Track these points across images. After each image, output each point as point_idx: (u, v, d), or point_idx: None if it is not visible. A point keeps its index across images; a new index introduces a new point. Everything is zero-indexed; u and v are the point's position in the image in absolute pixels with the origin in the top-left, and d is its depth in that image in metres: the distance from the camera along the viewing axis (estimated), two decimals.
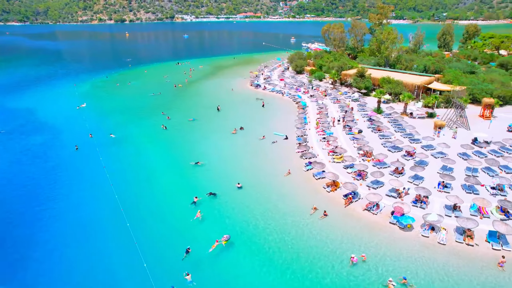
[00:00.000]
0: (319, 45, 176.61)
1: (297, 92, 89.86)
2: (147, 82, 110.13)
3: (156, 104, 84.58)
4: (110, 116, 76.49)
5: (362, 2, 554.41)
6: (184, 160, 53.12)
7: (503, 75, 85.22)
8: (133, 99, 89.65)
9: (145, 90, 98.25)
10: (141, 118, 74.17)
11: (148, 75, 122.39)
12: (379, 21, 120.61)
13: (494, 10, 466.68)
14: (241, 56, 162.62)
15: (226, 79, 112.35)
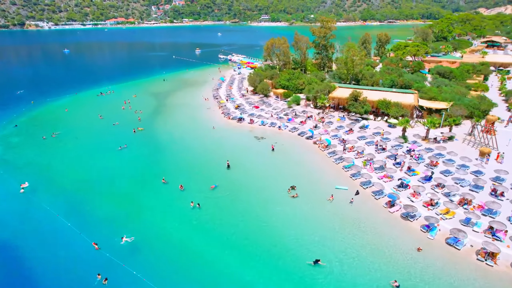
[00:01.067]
0: (253, 60, 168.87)
1: (291, 122, 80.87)
2: (80, 127, 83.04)
3: (136, 168, 62.86)
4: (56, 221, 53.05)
5: (237, 5, 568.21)
6: (295, 264, 39.13)
7: (459, 87, 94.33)
8: (88, 165, 63.66)
9: (93, 144, 73.21)
10: (140, 205, 53.59)
11: (73, 115, 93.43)
12: (324, 34, 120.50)
13: (348, 13, 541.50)
14: (168, 75, 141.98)
15: (188, 111, 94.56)
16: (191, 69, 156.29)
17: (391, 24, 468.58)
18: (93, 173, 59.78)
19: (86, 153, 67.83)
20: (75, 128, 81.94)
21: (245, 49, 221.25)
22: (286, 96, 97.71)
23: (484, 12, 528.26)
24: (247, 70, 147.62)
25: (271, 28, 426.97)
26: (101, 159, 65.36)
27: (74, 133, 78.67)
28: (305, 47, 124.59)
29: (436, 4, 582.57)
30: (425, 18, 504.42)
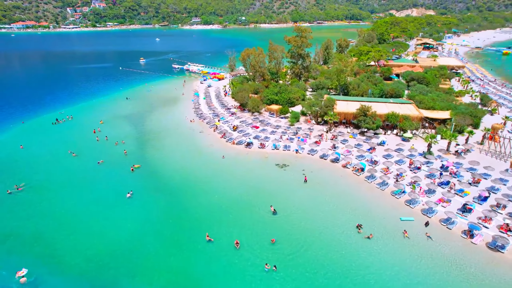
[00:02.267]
0: (217, 70, 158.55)
1: (304, 143, 75.54)
2: (53, 172, 66.57)
3: (162, 224, 51.52)
4: None
5: (165, 8, 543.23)
6: None
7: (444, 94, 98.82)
8: (92, 229, 50.00)
9: (84, 195, 58.97)
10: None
11: (33, 154, 75.04)
12: (301, 44, 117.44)
13: (277, 15, 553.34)
14: (128, 92, 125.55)
15: (179, 137, 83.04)
16: (150, 82, 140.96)
17: (320, 25, 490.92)
18: (105, 241, 47.02)
19: (82, 211, 53.84)
20: (45, 174, 65.50)
21: (194, 57, 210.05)
22: (283, 113, 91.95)
23: (395, 14, 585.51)
24: (215, 81, 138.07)
25: (206, 31, 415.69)
26: (106, 216, 52.44)
27: (49, 181, 62.69)
28: (280, 57, 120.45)
29: (354, 6, 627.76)
30: (349, 19, 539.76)
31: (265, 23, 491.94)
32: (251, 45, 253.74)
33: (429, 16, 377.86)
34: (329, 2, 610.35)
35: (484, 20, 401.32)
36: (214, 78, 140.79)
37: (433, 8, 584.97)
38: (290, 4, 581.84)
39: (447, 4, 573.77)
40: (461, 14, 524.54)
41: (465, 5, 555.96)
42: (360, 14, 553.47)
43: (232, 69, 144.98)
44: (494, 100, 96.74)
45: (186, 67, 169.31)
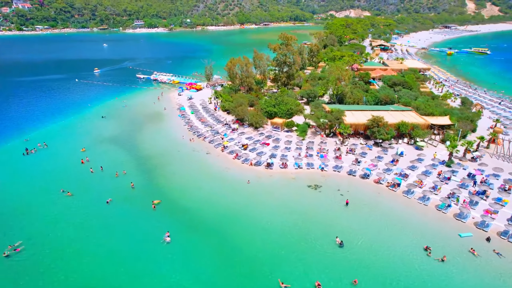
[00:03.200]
0: (190, 79, 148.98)
1: (325, 159, 72.99)
2: (52, 223, 55.95)
3: (220, 277, 45.36)
4: None
5: (102, 10, 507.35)
6: None
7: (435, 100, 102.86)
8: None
9: (107, 252, 50.07)
10: None
11: (14, 198, 62.80)
12: (286, 51, 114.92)
13: (222, 16, 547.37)
14: (100, 109, 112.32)
15: (186, 162, 75.26)
16: (120, 96, 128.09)
17: (267, 27, 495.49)
18: None
19: (107, 269, 45.19)
20: (42, 225, 54.27)
21: (155, 64, 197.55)
22: (288, 126, 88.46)
23: (335, 15, 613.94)
24: (193, 92, 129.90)
25: (153, 35, 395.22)
26: (144, 271, 44.56)
27: (51, 235, 51.86)
28: (266, 66, 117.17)
29: (296, 7, 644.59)
30: (293, 20, 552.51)
31: (212, 25, 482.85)
32: (207, 50, 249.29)
33: (371, 18, 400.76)
34: (271, 3, 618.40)
35: (415, 21, 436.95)
36: (192, 89, 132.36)
37: (368, 9, 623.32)
38: (235, 6, 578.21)
39: (380, 6, 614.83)
40: (393, 15, 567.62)
41: (395, 7, 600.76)
42: (304, 16, 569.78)
43: (208, 78, 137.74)
44: (478, 102, 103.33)
45: (154, 77, 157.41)
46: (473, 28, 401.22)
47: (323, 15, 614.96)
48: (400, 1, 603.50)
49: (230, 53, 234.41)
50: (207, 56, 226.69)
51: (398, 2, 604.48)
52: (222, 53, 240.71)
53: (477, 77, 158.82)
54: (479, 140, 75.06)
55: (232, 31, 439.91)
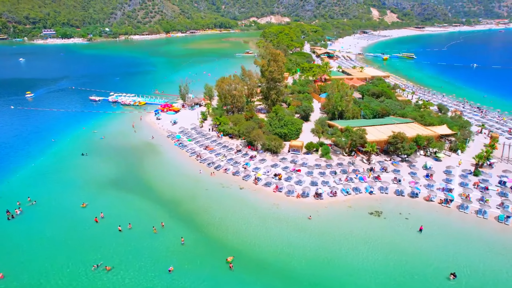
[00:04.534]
0: (161, 100, 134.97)
1: (366, 182, 72.28)
2: None
3: None
4: None
5: None
6: None
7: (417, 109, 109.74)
8: None
9: None
10: None
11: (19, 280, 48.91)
12: (275, 68, 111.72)
13: (143, 24, 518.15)
14: (73, 144, 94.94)
15: (225, 202, 67.06)
16: (87, 125, 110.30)
17: (194, 35, 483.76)
18: None
19: None
20: None
21: (99, 82, 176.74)
22: (309, 148, 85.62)
23: (257, 21, 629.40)
24: (170, 115, 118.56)
25: (71, 46, 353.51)
26: None
27: None
28: (255, 84, 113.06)
29: (217, 14, 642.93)
30: (218, 27, 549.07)
31: (136, 35, 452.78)
32: (151, 64, 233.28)
33: (300, 25, 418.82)
34: (193, 10, 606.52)
35: (334, 27, 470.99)
36: (169, 111, 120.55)
37: (288, 15, 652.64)
38: (156, 13, 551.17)
39: (298, 12, 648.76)
40: (310, 21, 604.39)
41: (312, 13, 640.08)
42: (228, 23, 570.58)
43: (184, 98, 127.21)
44: (455, 109, 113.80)
45: (113, 99, 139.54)
46: (385, 33, 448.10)
47: (245, 21, 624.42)
48: (316, 8, 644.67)
49: (177, 66, 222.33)
50: (155, 71, 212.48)
51: (314, 8, 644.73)
52: (170, 66, 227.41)
53: (422, 81, 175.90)
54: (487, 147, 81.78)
55: (159, 40, 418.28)
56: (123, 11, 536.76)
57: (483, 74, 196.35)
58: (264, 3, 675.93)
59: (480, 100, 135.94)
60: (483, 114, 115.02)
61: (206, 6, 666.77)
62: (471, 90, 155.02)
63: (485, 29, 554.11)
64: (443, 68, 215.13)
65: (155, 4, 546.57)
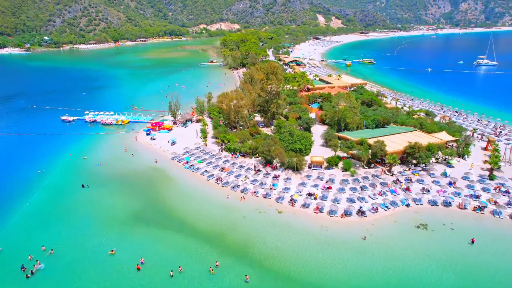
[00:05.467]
0: (146, 116, 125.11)
1: (398, 195, 73.42)
2: None
3: None
4: None
5: None
6: None
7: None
8: None
9: None
10: None
11: None
12: (275, 82, 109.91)
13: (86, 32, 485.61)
14: (67, 174, 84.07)
15: (274, 230, 63.27)
16: (73, 151, 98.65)
17: (146, 43, 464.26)
18: None
19: None
20: None
21: (65, 99, 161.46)
22: (331, 163, 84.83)
23: (208, 28, 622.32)
24: (164, 133, 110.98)
25: (6, 57, 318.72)
26: None
27: None
28: (255, 98, 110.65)
29: (164, 21, 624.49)
30: (169, 35, 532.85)
31: (82, 44, 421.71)
32: (114, 77, 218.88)
33: (255, 32, 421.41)
34: (140, 18, 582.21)
35: (286, 34, 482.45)
36: (162, 130, 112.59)
37: (237, 22, 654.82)
38: (100, 21, 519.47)
39: (248, 19, 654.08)
40: (260, 27, 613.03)
41: (261, 19, 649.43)
42: (180, 30, 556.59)
43: (174, 115, 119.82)
44: (444, 114, 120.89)
45: (90, 118, 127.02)
46: (336, 38, 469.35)
47: (195, 28, 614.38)
48: (265, 14, 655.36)
49: (144, 78, 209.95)
50: (120, 84, 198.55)
51: (263, 15, 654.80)
52: (135, 78, 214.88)
53: (392, 86, 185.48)
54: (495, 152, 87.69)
55: (109, 50, 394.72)
56: (63, 18, 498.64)
57: (440, 77, 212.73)
58: (212, 10, 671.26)
59: (450, 104, 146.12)
60: (464, 118, 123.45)
61: (153, 13, 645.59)
62: (438, 93, 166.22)
63: (419, 34, 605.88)
64: (403, 72, 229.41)
65: (98, 11, 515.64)
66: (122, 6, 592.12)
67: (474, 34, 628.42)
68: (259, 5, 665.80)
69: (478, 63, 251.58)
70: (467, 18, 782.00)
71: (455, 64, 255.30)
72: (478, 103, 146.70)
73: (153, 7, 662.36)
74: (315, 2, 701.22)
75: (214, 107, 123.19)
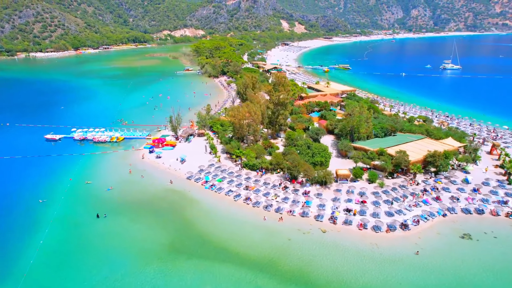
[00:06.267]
0: (142, 132, 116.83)
1: (432, 204, 74.06)
2: None
3: None
4: None
5: None
6: None
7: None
8: None
9: None
10: None
11: None
12: (284, 93, 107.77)
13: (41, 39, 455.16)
14: (80, 204, 75.81)
15: (329, 257, 61.05)
16: (73, 175, 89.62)
17: (109, 51, 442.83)
18: None
19: None
20: None
21: (43, 114, 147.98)
22: (357, 175, 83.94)
23: (172, 34, 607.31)
24: (167, 150, 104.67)
25: None
26: None
27: None
28: (265, 109, 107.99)
29: (125, 27, 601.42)
30: (132, 42, 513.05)
31: (39, 52, 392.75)
32: (85, 88, 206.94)
33: (224, 38, 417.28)
34: (100, 24, 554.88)
35: (254, 40, 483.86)
36: (166, 146, 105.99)
37: (202, 28, 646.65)
38: (56, 27, 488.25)
39: (212, 25, 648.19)
40: (225, 33, 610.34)
41: (226, 25, 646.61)
42: (144, 37, 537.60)
43: (176, 130, 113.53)
44: (442, 120, 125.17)
45: (80, 136, 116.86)
46: (304, 44, 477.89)
47: (159, 34, 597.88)
48: (229, 20, 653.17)
49: (121, 88, 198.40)
50: (97, 96, 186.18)
51: (227, 21, 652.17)
52: (111, 89, 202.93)
53: (375, 91, 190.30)
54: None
55: (70, 59, 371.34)
56: (13, 23, 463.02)
57: (415, 82, 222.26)
58: (175, 16, 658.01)
59: (435, 108, 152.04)
60: (458, 123, 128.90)
61: (113, 19, 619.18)
62: (421, 98, 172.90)
63: (378, 39, 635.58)
64: (380, 77, 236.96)
65: (54, 16, 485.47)
66: (79, 12, 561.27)
67: (427, 38, 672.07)
68: (223, 11, 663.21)
69: (444, 67, 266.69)
70: (418, 23, 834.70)
71: (423, 68, 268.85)
72: (461, 107, 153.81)
73: (112, 12, 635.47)
74: (278, 8, 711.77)
75: (215, 120, 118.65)
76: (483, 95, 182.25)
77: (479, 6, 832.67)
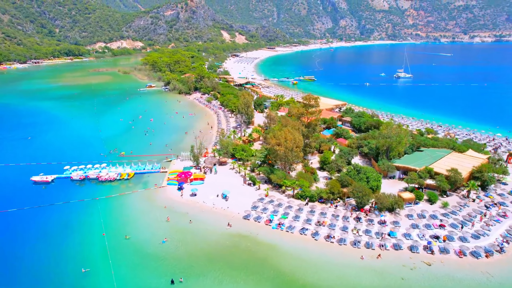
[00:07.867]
0: (152, 165, 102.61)
1: (471, 226, 75.98)
2: None
3: None
4: None
5: None
6: None
7: None
8: None
9: None
10: None
11: None
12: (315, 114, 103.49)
13: None
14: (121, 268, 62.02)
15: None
16: (104, 229, 74.02)
17: (40, 66, 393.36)
18: None
19: None
20: None
21: (9, 150, 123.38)
22: (420, 198, 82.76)
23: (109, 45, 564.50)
24: (197, 185, 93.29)
25: None
26: None
27: None
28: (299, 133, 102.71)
29: (52, 38, 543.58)
30: (65, 55, 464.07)
31: None
32: (32, 112, 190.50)
33: (175, 51, 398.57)
34: (22, 35, 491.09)
35: (204, 52, 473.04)
36: (195, 181, 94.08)
37: (140, 39, 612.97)
38: None
39: (151, 36, 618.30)
40: (166, 45, 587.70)
41: (166, 36, 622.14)
42: (79, 50, 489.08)
43: (197, 160, 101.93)
44: (448, 131, 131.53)
45: (79, 175, 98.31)
46: (252, 55, 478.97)
47: (94, 47, 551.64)
48: (169, 31, 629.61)
49: (85, 111, 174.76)
50: (60, 122, 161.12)
51: (167, 32, 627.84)
52: (74, 112, 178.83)
53: (357, 103, 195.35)
54: None
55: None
56: None
57: (381, 91, 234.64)
58: (110, 27, 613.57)
59: (421, 118, 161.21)
60: (455, 133, 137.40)
61: (35, 30, 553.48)
62: (400, 108, 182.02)
63: (317, 48, 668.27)
64: (348, 88, 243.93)
65: None
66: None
67: (358, 47, 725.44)
68: (162, 21, 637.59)
69: (398, 75, 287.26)
70: (346, 33, 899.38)
71: (379, 77, 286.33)
72: (441, 115, 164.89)
73: (33, 22, 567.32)
74: (217, 19, 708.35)
75: (233, 145, 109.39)
76: (454, 103, 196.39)
77: (396, 18, 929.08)
